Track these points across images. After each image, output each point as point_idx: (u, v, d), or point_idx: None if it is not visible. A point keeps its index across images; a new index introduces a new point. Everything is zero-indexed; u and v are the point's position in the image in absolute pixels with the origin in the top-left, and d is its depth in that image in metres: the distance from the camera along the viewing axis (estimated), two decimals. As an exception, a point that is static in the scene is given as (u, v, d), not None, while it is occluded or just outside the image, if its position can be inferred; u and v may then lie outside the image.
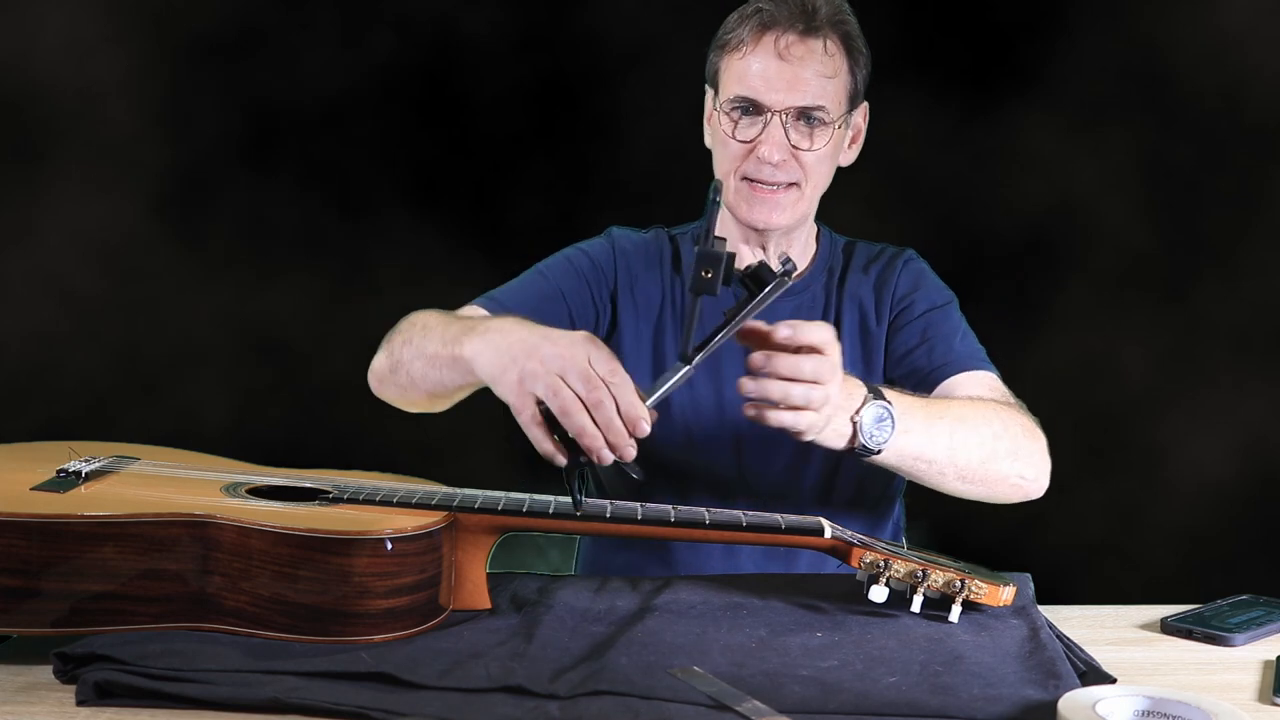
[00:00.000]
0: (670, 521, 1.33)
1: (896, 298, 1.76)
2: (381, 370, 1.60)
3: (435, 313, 1.59)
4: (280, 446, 1.64)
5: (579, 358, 1.25)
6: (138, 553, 1.19)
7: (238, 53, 2.76)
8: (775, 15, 1.65)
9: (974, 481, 1.51)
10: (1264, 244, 2.74)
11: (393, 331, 1.60)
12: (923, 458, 1.45)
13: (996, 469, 1.51)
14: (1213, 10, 2.68)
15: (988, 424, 1.50)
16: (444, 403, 1.59)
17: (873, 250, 1.81)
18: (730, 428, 1.73)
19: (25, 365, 2.73)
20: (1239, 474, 2.74)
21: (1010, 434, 1.52)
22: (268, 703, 1.08)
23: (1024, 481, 1.54)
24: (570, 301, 1.73)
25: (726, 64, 1.69)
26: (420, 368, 1.51)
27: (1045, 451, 1.57)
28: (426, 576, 1.24)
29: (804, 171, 1.67)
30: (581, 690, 1.10)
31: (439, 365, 1.46)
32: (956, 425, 1.48)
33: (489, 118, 2.80)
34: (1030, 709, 1.10)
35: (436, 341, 1.47)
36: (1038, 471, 1.56)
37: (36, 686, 1.14)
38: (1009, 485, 1.54)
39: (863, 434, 1.38)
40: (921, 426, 1.44)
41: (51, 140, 2.73)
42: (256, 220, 2.79)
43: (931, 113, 2.62)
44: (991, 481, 1.52)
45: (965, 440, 1.48)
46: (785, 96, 1.64)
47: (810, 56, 1.65)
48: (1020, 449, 1.53)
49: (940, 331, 1.71)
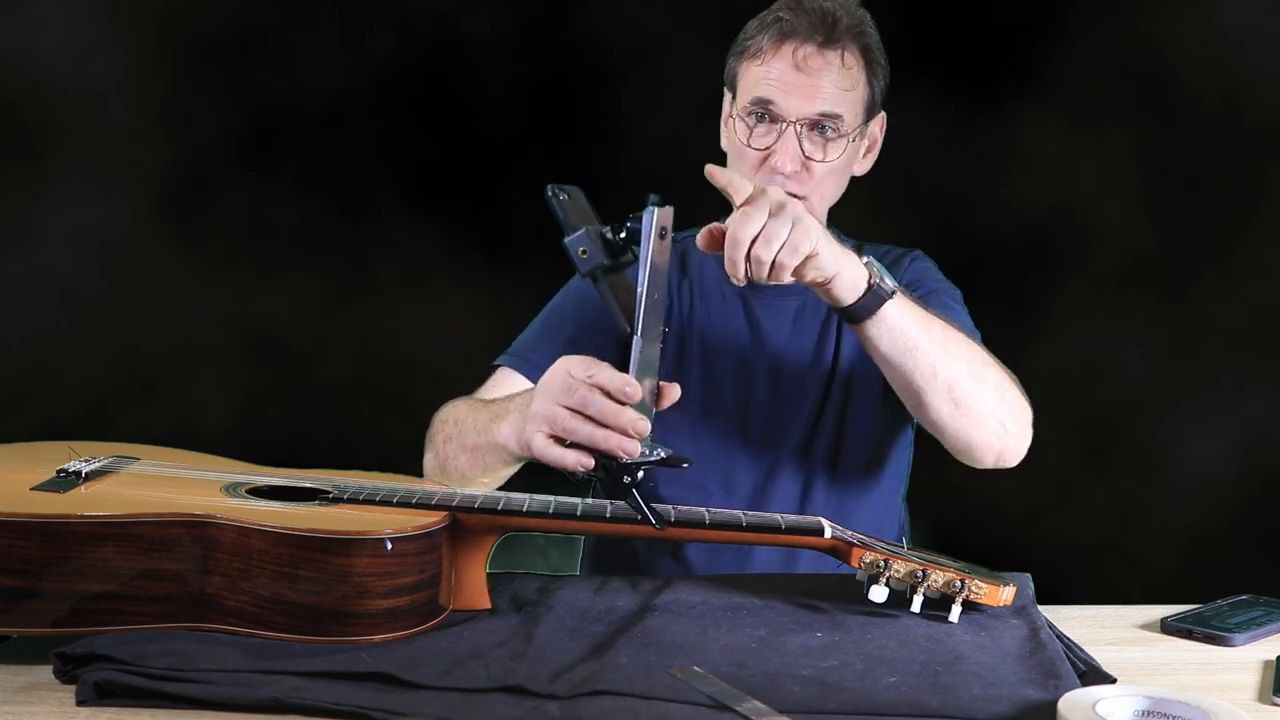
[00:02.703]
0: (670, 521, 1.33)
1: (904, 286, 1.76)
2: (433, 470, 1.65)
3: (465, 403, 1.64)
4: (280, 446, 1.64)
5: (557, 382, 1.28)
6: (138, 553, 1.19)
7: (238, 53, 2.76)
8: (795, 25, 1.65)
9: (961, 406, 1.48)
10: (1264, 244, 2.74)
11: (431, 432, 1.66)
12: (920, 345, 1.44)
13: (983, 400, 1.49)
14: (1213, 10, 2.68)
15: (977, 355, 1.51)
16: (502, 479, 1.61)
17: (879, 251, 1.82)
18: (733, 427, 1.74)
19: (25, 365, 2.73)
20: (1239, 474, 2.74)
21: (997, 376, 1.52)
22: (268, 703, 1.08)
23: (1005, 433, 1.52)
24: (593, 334, 1.69)
25: (744, 70, 1.69)
26: (466, 460, 1.57)
27: (1029, 419, 1.56)
28: (426, 576, 1.24)
29: (814, 183, 1.67)
30: (581, 690, 1.10)
31: (481, 454, 1.52)
32: (949, 334, 1.48)
33: (489, 118, 2.80)
34: (1030, 709, 1.10)
35: (471, 433, 1.54)
36: (1019, 428, 1.54)
37: (36, 686, 1.14)
38: (990, 429, 1.51)
39: (876, 274, 1.39)
40: (916, 310, 1.44)
41: (51, 140, 2.73)
42: (256, 220, 2.79)
43: (931, 113, 2.62)
44: (976, 415, 1.50)
45: (957, 353, 1.47)
46: (801, 106, 1.64)
47: (828, 68, 1.65)
48: (1007, 395, 1.52)
49: (939, 305, 1.70)
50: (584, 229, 1.26)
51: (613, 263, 1.27)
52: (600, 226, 1.27)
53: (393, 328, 2.80)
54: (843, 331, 1.75)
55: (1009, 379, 1.55)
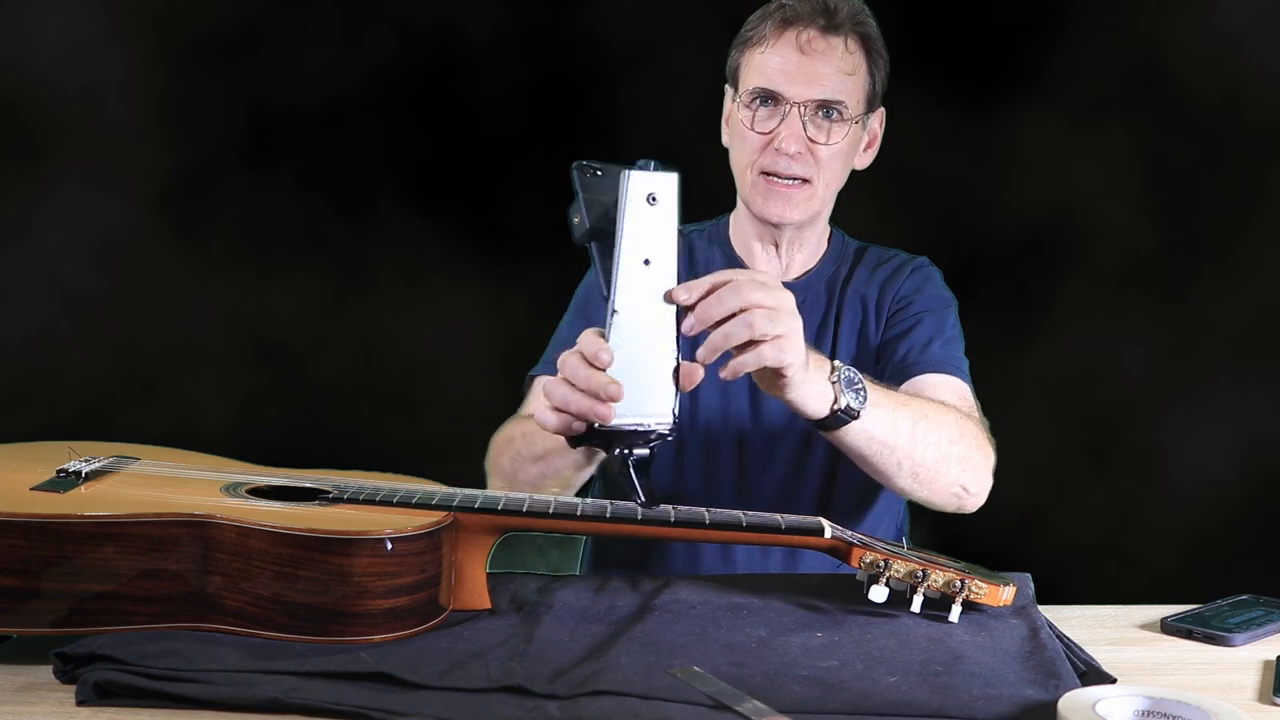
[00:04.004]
0: (670, 521, 1.33)
1: (897, 297, 1.76)
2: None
3: (511, 422, 1.67)
4: (280, 446, 1.64)
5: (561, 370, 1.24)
6: (138, 553, 1.19)
7: (238, 53, 2.76)
8: (797, 12, 1.68)
9: (923, 482, 1.50)
10: (1264, 244, 2.74)
11: (490, 459, 1.67)
12: (887, 443, 1.44)
13: (946, 473, 1.51)
14: (1213, 10, 2.69)
15: (947, 427, 1.51)
16: (574, 485, 1.61)
17: (885, 254, 1.82)
18: (734, 436, 1.74)
19: (25, 365, 2.73)
20: (1239, 474, 2.74)
21: (965, 442, 1.52)
22: (268, 703, 1.08)
23: (964, 494, 1.55)
24: None
25: (748, 59, 1.72)
26: (536, 471, 1.58)
27: (990, 469, 1.57)
28: (426, 576, 1.24)
29: (818, 167, 1.68)
30: (581, 690, 1.10)
31: (551, 459, 1.54)
32: (919, 419, 1.48)
33: (489, 118, 2.80)
34: (1030, 709, 1.10)
35: (526, 445, 1.57)
36: (979, 487, 1.56)
37: (36, 686, 1.14)
38: (950, 493, 1.54)
39: (843, 395, 1.36)
40: (888, 407, 1.43)
41: (51, 140, 2.73)
42: (256, 220, 2.79)
43: (932, 113, 2.62)
44: (937, 486, 1.52)
45: (925, 436, 1.47)
46: (804, 89, 1.66)
47: (830, 52, 1.67)
48: (971, 460, 1.53)
49: (925, 330, 1.72)
50: (581, 196, 1.24)
51: (611, 231, 1.22)
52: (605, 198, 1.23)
53: (393, 328, 2.80)
54: (838, 338, 1.76)
55: (974, 438, 1.54)
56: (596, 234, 1.23)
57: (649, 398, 1.21)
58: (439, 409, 2.75)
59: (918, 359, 1.68)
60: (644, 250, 1.21)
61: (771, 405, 1.74)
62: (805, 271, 1.79)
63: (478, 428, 1.72)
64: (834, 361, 1.38)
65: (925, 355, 1.69)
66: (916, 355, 1.69)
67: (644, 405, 1.21)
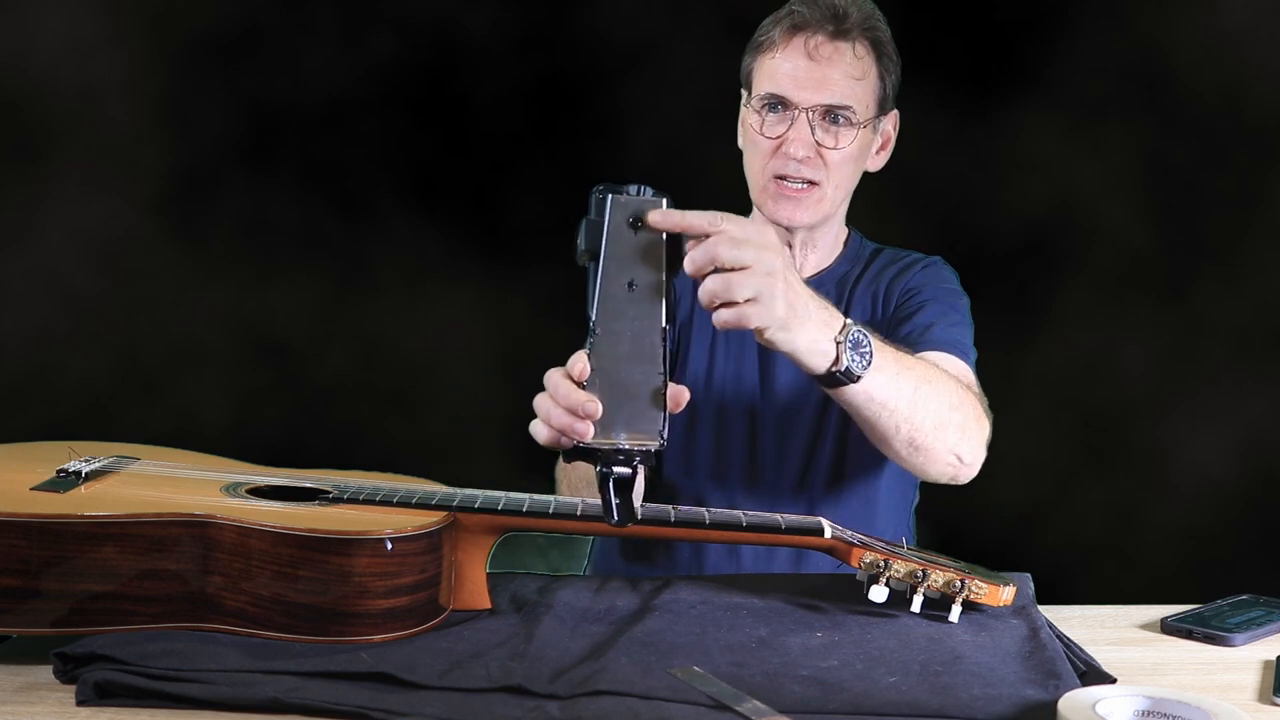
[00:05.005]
0: (670, 521, 1.33)
1: (905, 289, 1.76)
2: None
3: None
4: (280, 446, 1.64)
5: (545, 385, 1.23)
6: (138, 553, 1.19)
7: (238, 53, 2.76)
8: (807, 17, 1.70)
9: (919, 448, 1.48)
10: (1264, 244, 2.74)
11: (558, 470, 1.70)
12: (887, 405, 1.43)
13: (943, 440, 1.49)
14: (1213, 10, 2.68)
15: (948, 393, 1.49)
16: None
17: (899, 255, 1.83)
18: (745, 407, 1.74)
19: (25, 365, 2.72)
20: (1239, 474, 2.73)
21: (964, 411, 1.51)
22: (268, 703, 1.08)
23: (958, 463, 1.53)
24: None
25: (759, 64, 1.74)
26: (576, 475, 1.63)
27: (985, 442, 1.56)
28: (426, 576, 1.24)
29: (827, 170, 1.70)
30: (581, 690, 1.10)
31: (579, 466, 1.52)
32: (921, 382, 1.46)
33: (489, 118, 2.80)
34: (1030, 709, 1.10)
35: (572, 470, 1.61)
36: (974, 457, 1.54)
37: (36, 686, 1.14)
38: (945, 461, 1.52)
39: (845, 356, 1.33)
40: (892, 369, 1.42)
41: (51, 140, 2.73)
42: (256, 220, 2.78)
43: (932, 113, 2.61)
44: (934, 453, 1.50)
45: (926, 400, 1.46)
46: (812, 95, 1.68)
47: (839, 57, 1.69)
48: (969, 428, 1.52)
49: (929, 315, 1.71)
50: (585, 218, 1.25)
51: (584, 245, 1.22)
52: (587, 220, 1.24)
53: (393, 328, 2.80)
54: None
55: (973, 408, 1.54)
56: (592, 255, 1.24)
57: (632, 418, 1.21)
58: (439, 409, 2.75)
59: (919, 339, 1.66)
60: (627, 274, 1.21)
61: (783, 378, 1.74)
62: (818, 271, 1.80)
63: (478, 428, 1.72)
64: (846, 320, 1.34)
65: (927, 335, 1.67)
66: (918, 336, 1.67)
67: (627, 425, 1.21)
